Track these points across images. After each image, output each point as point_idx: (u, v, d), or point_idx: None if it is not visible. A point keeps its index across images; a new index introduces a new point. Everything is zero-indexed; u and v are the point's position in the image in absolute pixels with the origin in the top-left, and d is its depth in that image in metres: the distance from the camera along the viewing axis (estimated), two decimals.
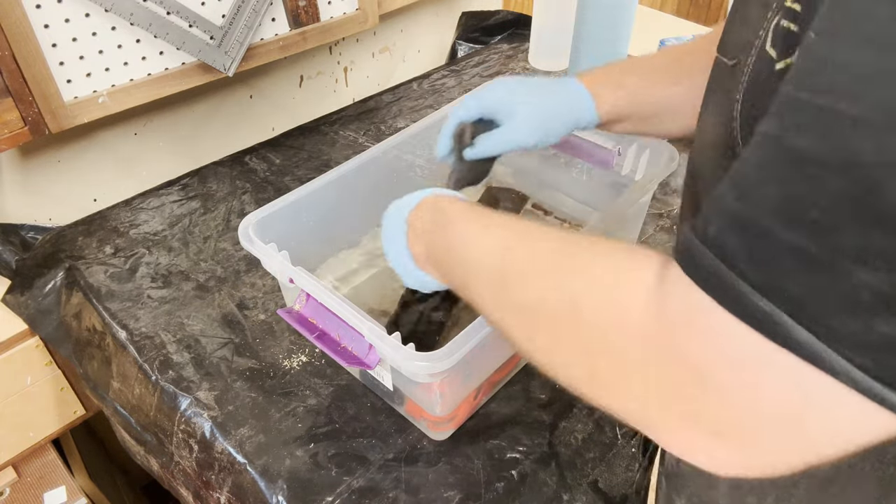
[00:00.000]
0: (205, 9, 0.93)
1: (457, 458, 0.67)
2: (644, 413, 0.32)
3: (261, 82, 1.18)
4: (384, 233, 0.59)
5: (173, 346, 0.78)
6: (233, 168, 1.08)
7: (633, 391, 0.32)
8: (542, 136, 0.63)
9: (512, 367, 0.74)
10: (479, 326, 0.58)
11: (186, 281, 0.87)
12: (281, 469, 0.66)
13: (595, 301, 0.34)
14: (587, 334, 0.34)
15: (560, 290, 0.36)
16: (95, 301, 0.85)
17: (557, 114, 0.63)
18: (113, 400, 0.82)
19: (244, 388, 0.74)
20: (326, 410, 0.71)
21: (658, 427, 0.32)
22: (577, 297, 0.35)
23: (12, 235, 0.96)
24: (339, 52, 1.27)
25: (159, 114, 1.07)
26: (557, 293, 0.36)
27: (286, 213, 0.74)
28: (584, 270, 0.36)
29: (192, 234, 0.95)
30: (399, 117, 1.19)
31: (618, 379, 0.33)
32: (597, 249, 0.37)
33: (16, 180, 0.97)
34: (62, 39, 0.83)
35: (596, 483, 0.66)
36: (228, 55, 0.97)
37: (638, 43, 1.22)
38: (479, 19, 1.47)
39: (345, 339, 0.63)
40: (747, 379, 0.27)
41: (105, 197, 1.06)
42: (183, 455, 0.73)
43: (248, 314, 0.83)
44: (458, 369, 0.59)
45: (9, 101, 0.80)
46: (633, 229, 0.88)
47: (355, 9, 1.13)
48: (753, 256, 0.27)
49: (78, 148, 1.00)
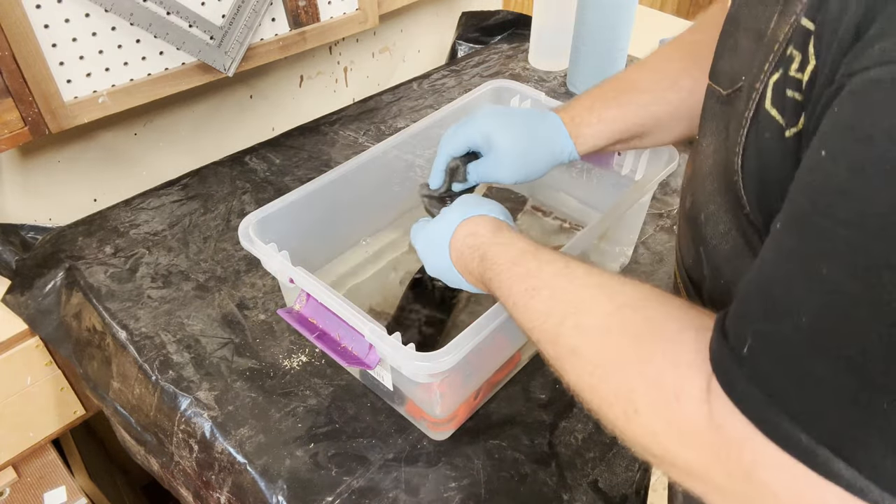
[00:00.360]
0: (205, 9, 0.93)
1: (457, 459, 0.67)
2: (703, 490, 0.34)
3: (261, 82, 1.18)
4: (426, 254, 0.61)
5: (173, 346, 0.78)
6: (233, 168, 1.08)
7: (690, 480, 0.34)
8: (523, 176, 0.65)
9: (512, 367, 0.74)
10: (479, 327, 0.58)
11: (186, 281, 0.87)
12: (281, 469, 0.66)
13: (651, 410, 0.35)
14: (646, 431, 0.35)
15: (616, 378, 0.37)
16: (95, 301, 0.85)
17: (537, 156, 0.65)
18: (113, 400, 0.82)
19: (244, 388, 0.74)
20: (326, 410, 0.71)
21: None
22: (634, 399, 0.36)
23: (12, 235, 0.96)
24: (339, 52, 1.27)
25: (159, 114, 1.07)
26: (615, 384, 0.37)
27: (286, 213, 0.74)
28: (641, 366, 0.36)
29: (192, 234, 0.95)
30: (399, 117, 1.19)
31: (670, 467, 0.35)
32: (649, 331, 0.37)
33: (16, 180, 0.97)
34: (62, 39, 0.83)
35: (596, 483, 0.66)
36: (228, 55, 0.97)
37: (638, 43, 1.22)
38: (479, 19, 1.47)
39: (345, 340, 0.63)
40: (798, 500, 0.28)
41: (105, 197, 1.06)
42: (183, 455, 0.73)
43: (248, 314, 0.83)
44: (458, 370, 0.59)
45: (9, 101, 0.80)
46: (633, 229, 0.88)
47: (355, 9, 1.13)
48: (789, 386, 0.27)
49: (78, 148, 1.00)
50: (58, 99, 0.85)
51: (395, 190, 0.89)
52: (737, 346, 0.30)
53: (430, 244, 0.60)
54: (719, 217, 0.44)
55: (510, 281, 0.49)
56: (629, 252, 0.90)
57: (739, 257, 0.42)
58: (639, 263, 0.90)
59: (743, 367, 0.29)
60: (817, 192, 0.27)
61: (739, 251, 0.42)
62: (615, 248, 0.88)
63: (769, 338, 0.29)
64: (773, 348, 0.28)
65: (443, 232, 0.58)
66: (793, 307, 0.28)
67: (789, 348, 0.28)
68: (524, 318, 0.47)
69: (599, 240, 0.82)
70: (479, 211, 0.58)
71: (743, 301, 0.31)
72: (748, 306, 0.31)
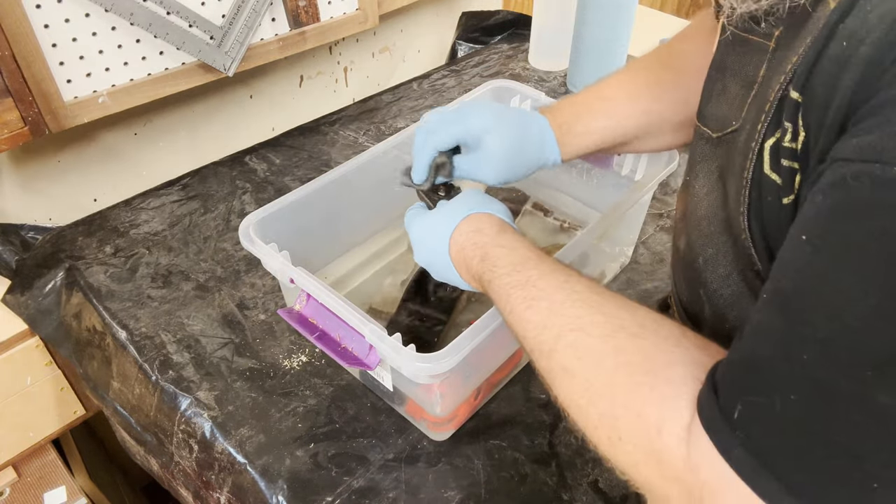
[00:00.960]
0: (205, 9, 0.93)
1: (457, 459, 0.67)
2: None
3: (261, 82, 1.18)
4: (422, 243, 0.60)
5: (173, 346, 0.78)
6: (233, 168, 1.08)
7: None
8: (505, 178, 0.63)
9: (512, 367, 0.74)
10: (479, 328, 0.58)
11: (186, 281, 0.87)
12: (281, 469, 0.66)
13: (634, 439, 0.36)
14: (628, 459, 0.37)
15: (604, 404, 0.38)
16: (95, 301, 0.85)
17: (524, 160, 0.63)
18: (113, 400, 0.82)
19: (244, 388, 0.74)
20: (326, 410, 0.71)
21: None
22: (618, 427, 0.37)
23: (12, 235, 0.96)
24: (339, 52, 1.27)
25: (159, 114, 1.07)
26: (601, 409, 0.38)
27: (286, 213, 0.74)
28: (628, 395, 0.37)
29: (192, 234, 0.95)
30: (399, 117, 1.19)
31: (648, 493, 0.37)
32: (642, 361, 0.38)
33: (16, 180, 0.97)
34: (62, 39, 0.83)
35: (596, 483, 0.66)
36: (228, 55, 0.97)
37: (638, 43, 1.22)
38: (479, 19, 1.47)
39: (345, 340, 0.63)
40: None
41: (105, 197, 1.06)
42: (183, 455, 0.73)
43: (248, 314, 0.83)
44: (458, 370, 0.59)
45: (9, 101, 0.80)
46: (633, 229, 0.88)
47: (355, 9, 1.13)
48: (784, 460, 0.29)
49: (78, 148, 1.00)
50: (58, 99, 0.85)
51: (395, 190, 0.89)
52: (727, 408, 0.31)
53: (428, 234, 0.58)
54: (719, 261, 0.44)
55: (509, 287, 0.48)
56: (629, 252, 0.90)
57: (742, 302, 0.43)
58: (639, 263, 0.90)
59: (735, 431, 0.31)
60: (799, 274, 0.29)
61: (742, 295, 0.43)
62: (615, 248, 0.88)
63: (760, 409, 0.30)
64: (766, 422, 0.30)
65: (445, 223, 0.57)
66: (779, 386, 0.29)
67: (781, 424, 0.29)
68: (519, 326, 0.46)
69: (599, 240, 0.82)
70: (486, 209, 0.57)
71: (734, 366, 0.33)
72: (738, 373, 0.32)
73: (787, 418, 0.29)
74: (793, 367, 0.29)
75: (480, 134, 0.61)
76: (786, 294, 0.30)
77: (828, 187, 0.28)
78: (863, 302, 0.26)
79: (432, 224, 0.58)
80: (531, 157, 0.63)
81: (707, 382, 0.34)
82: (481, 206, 0.57)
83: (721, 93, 0.46)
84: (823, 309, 0.28)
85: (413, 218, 0.62)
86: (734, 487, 0.30)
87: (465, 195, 0.60)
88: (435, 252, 0.57)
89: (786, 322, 0.30)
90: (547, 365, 0.43)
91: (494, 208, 0.57)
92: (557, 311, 0.43)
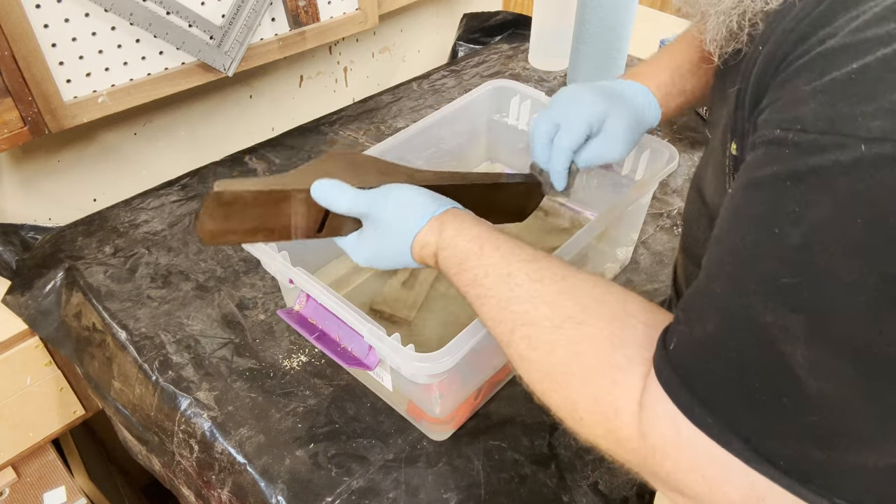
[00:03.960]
0: (204, 9, 0.93)
1: (457, 459, 0.67)
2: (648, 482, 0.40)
3: (260, 82, 1.18)
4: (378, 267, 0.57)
5: (173, 346, 0.78)
6: (233, 168, 1.08)
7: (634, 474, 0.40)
8: (628, 150, 0.64)
9: (512, 367, 0.74)
10: (478, 328, 0.58)
11: (186, 281, 0.87)
12: (281, 469, 0.66)
13: (593, 420, 0.40)
14: (590, 433, 0.41)
15: (563, 391, 0.42)
16: (95, 301, 0.85)
17: (637, 128, 0.64)
18: (114, 399, 0.82)
19: (244, 389, 0.74)
20: (326, 411, 0.71)
21: None
22: (578, 410, 0.41)
23: (12, 235, 0.96)
24: (339, 52, 1.27)
25: (159, 114, 1.07)
26: (562, 397, 0.42)
27: None
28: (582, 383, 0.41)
29: (191, 234, 0.95)
30: (399, 117, 1.19)
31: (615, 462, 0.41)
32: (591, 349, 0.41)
33: (16, 180, 0.97)
34: (62, 39, 0.83)
35: (596, 485, 0.66)
36: (228, 55, 0.97)
37: (638, 43, 1.22)
38: (479, 20, 1.47)
39: (345, 340, 0.63)
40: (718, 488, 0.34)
41: (105, 197, 1.06)
42: (184, 455, 0.73)
43: (248, 314, 0.83)
44: (457, 370, 0.59)
45: (8, 101, 0.80)
46: (633, 229, 0.88)
47: (355, 9, 1.13)
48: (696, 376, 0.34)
49: (78, 148, 1.00)
50: (57, 99, 0.85)
51: None
52: (668, 345, 0.37)
53: (387, 260, 0.56)
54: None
55: (462, 286, 0.50)
56: (629, 252, 0.90)
57: None
58: (639, 263, 0.90)
59: (669, 360, 0.36)
60: (721, 220, 0.35)
61: None
62: (615, 248, 0.88)
63: (684, 338, 0.36)
64: (687, 346, 0.35)
65: (401, 250, 0.54)
66: (702, 316, 0.35)
67: (697, 347, 0.35)
68: (481, 318, 0.49)
69: (599, 240, 0.82)
70: (426, 217, 0.53)
71: (676, 320, 0.38)
72: (678, 316, 0.37)
73: (702, 343, 0.34)
74: (712, 300, 0.34)
75: (604, 116, 0.62)
76: (713, 241, 0.35)
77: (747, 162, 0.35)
78: (751, 236, 0.32)
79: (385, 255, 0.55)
80: (643, 125, 0.65)
81: (658, 342, 0.38)
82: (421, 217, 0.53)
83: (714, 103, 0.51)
84: (730, 247, 0.33)
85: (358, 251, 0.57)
86: (672, 440, 0.35)
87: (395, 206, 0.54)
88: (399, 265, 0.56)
89: (708, 260, 0.35)
90: (507, 352, 0.46)
91: (422, 211, 0.53)
92: (505, 307, 0.46)
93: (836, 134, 0.28)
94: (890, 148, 0.27)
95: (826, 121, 0.29)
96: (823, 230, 0.29)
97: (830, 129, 0.29)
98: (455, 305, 0.83)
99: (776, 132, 0.31)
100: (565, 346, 0.42)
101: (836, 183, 0.28)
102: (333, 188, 0.53)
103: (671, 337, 0.37)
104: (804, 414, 0.31)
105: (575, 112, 0.61)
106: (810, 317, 0.30)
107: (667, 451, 0.35)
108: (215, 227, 0.53)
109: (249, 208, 0.53)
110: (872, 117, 0.27)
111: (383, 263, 0.56)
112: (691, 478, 0.35)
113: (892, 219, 0.27)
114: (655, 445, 0.36)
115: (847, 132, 0.28)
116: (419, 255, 0.54)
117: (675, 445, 0.35)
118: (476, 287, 0.48)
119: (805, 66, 0.31)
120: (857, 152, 0.28)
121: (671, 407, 0.35)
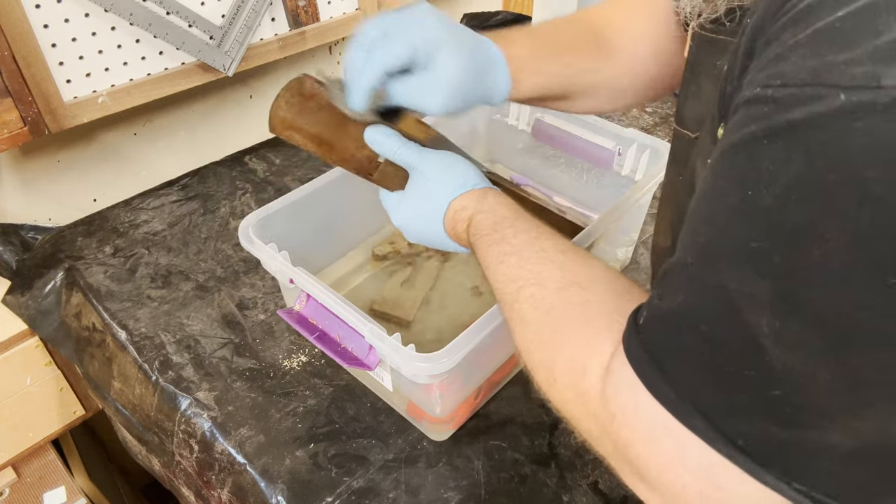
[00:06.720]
0: (204, 9, 0.93)
1: (457, 459, 0.67)
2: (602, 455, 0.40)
3: (260, 82, 1.18)
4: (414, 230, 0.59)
5: (173, 346, 0.78)
6: (233, 168, 1.08)
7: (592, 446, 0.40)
8: (452, 108, 0.54)
9: (512, 367, 0.74)
10: (479, 328, 0.58)
11: (186, 281, 0.87)
12: (281, 469, 0.66)
13: (565, 381, 0.40)
14: (560, 397, 0.41)
15: (546, 349, 0.42)
16: (95, 301, 0.85)
17: (473, 89, 0.54)
18: (114, 400, 0.82)
19: (244, 389, 0.74)
20: (326, 410, 0.71)
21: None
22: (554, 370, 0.41)
23: (12, 235, 0.96)
24: (339, 52, 1.27)
25: (159, 114, 1.07)
26: (544, 354, 0.42)
27: (286, 214, 0.74)
28: (564, 342, 0.41)
29: (191, 234, 0.95)
30: None
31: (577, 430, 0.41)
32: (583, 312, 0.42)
33: (16, 180, 0.97)
34: (62, 39, 0.83)
35: (596, 484, 0.66)
36: (228, 55, 0.97)
37: None
38: (480, 20, 1.47)
39: (345, 340, 0.63)
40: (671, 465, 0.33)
41: (105, 197, 1.06)
42: (184, 455, 0.73)
43: (248, 314, 0.83)
44: (458, 370, 0.59)
45: (8, 101, 0.80)
46: (632, 229, 0.88)
47: (355, 9, 1.13)
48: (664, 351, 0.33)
49: (78, 148, 1.00)
50: (57, 99, 0.85)
51: None
52: (639, 318, 0.36)
53: (420, 222, 0.57)
54: None
55: (487, 246, 0.51)
56: (629, 252, 0.90)
57: None
58: (639, 263, 0.90)
59: (638, 334, 0.35)
60: (698, 191, 0.33)
61: None
62: (615, 248, 0.88)
63: (654, 310, 0.35)
64: (656, 318, 0.35)
65: (436, 209, 0.55)
66: (674, 287, 0.34)
67: (665, 318, 0.34)
68: (494, 280, 0.49)
69: (599, 240, 0.82)
70: (468, 185, 0.55)
71: (654, 285, 0.37)
72: (653, 289, 0.36)
73: (670, 313, 0.34)
74: (684, 270, 0.33)
75: (433, 50, 0.51)
76: (689, 213, 0.34)
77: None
78: (724, 201, 0.30)
79: (422, 215, 0.57)
80: (482, 86, 0.55)
81: (630, 315, 0.37)
82: (461, 184, 0.55)
83: (696, 94, 0.47)
84: (704, 215, 0.32)
85: (396, 207, 0.58)
86: (631, 408, 0.34)
87: (439, 169, 0.55)
88: (432, 236, 0.58)
89: (684, 237, 0.34)
90: (509, 314, 0.47)
91: (473, 181, 0.55)
92: (524, 265, 0.47)
93: (818, 85, 0.26)
94: (869, 95, 0.25)
95: (808, 72, 0.27)
96: (795, 188, 0.27)
97: (812, 80, 0.27)
98: (455, 306, 0.83)
99: (756, 90, 0.29)
100: (562, 307, 0.42)
101: (811, 136, 0.26)
102: (385, 132, 0.55)
103: (643, 309, 0.36)
104: (768, 387, 0.29)
105: (399, 30, 0.51)
106: (778, 283, 0.28)
107: (626, 420, 0.35)
108: (288, 116, 0.54)
109: (323, 112, 0.54)
110: (857, 64, 0.25)
111: (416, 226, 0.58)
112: (647, 451, 0.34)
113: (867, 173, 0.25)
114: (615, 413, 0.35)
115: (830, 82, 0.26)
116: (452, 219, 0.55)
117: (634, 414, 0.34)
118: (502, 245, 0.49)
119: (790, 21, 0.29)
120: (836, 102, 0.25)
121: (633, 376, 0.34)
